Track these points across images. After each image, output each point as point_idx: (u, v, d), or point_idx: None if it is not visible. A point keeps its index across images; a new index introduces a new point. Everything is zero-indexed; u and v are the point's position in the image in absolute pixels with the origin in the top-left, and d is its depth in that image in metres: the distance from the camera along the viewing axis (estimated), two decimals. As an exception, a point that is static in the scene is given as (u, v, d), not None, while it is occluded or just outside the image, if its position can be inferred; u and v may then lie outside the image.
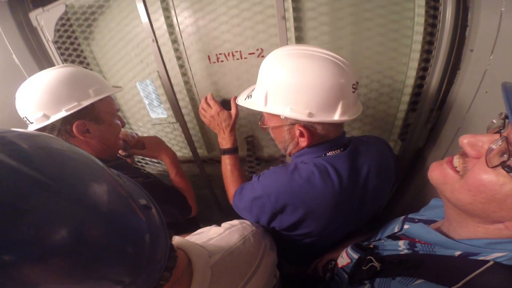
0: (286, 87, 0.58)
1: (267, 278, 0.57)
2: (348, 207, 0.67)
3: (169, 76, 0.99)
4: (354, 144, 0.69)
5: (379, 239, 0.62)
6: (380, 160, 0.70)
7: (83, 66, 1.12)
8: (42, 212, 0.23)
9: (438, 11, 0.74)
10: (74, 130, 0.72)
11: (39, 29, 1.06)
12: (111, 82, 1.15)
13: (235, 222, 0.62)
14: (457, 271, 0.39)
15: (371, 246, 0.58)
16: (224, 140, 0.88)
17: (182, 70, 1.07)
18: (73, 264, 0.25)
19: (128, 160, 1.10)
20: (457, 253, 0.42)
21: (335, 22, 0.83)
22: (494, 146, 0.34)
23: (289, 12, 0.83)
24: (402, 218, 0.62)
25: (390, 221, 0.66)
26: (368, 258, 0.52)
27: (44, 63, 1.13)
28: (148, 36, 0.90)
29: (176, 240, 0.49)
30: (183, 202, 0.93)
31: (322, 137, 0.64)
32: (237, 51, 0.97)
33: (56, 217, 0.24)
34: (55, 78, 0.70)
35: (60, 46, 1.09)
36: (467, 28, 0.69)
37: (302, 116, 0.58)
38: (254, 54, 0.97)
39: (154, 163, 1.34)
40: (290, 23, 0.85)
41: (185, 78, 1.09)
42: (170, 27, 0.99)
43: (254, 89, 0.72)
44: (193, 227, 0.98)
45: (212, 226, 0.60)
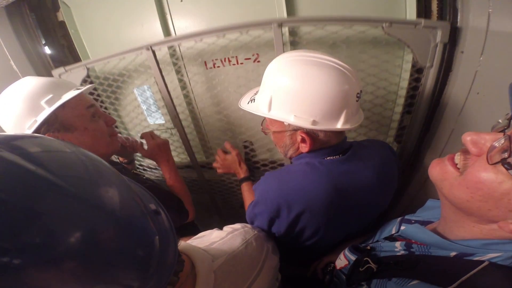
0: (292, 94, 0.57)
1: (270, 282, 0.57)
2: (345, 210, 0.66)
3: (166, 85, 1.00)
4: (354, 149, 0.68)
5: (377, 241, 0.62)
6: (382, 166, 0.69)
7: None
8: (57, 215, 0.23)
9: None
10: None
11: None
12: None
13: (237, 226, 0.62)
14: (452, 271, 0.39)
15: (368, 248, 0.58)
16: (240, 172, 1.02)
17: (179, 76, 1.08)
18: (85, 268, 0.25)
19: (129, 166, 1.10)
20: (452, 253, 0.42)
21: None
22: (496, 144, 0.35)
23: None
24: (399, 219, 0.62)
25: (388, 222, 0.66)
26: (364, 259, 0.52)
27: (41, 69, 1.14)
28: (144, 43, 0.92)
29: (180, 245, 0.49)
30: (180, 206, 0.93)
31: (323, 143, 0.64)
32: (233, 57, 0.99)
33: (71, 220, 0.24)
34: (6, 99, 0.66)
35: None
36: (457, 30, 0.70)
37: (306, 123, 0.58)
38: (250, 59, 0.98)
39: (152, 169, 1.34)
40: (285, 28, 0.87)
41: (182, 84, 1.10)
42: (167, 33, 1.00)
43: (256, 92, 0.72)
44: (193, 231, 0.98)
45: (214, 230, 0.60)
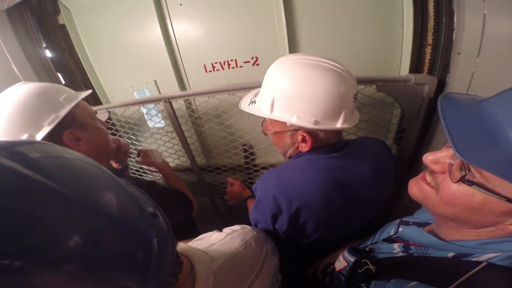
0: (294, 95, 0.59)
1: (270, 283, 0.57)
2: (344, 205, 0.67)
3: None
4: (350, 146, 0.70)
5: (375, 242, 0.62)
6: (377, 161, 0.70)
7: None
8: (55, 219, 0.24)
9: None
10: (66, 142, 0.71)
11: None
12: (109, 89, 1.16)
13: (236, 227, 0.62)
14: (450, 272, 0.39)
15: (367, 249, 0.57)
16: (245, 194, 1.09)
17: (179, 79, 1.09)
18: (83, 270, 0.25)
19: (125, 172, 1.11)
20: (450, 254, 0.42)
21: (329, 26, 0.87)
22: (453, 161, 0.37)
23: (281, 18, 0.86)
24: (398, 221, 0.62)
25: (386, 224, 0.66)
26: (363, 261, 0.52)
27: (42, 72, 1.15)
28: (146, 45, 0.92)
29: (179, 246, 0.49)
30: (185, 199, 0.97)
31: (323, 142, 0.66)
32: (232, 60, 0.99)
33: (69, 224, 0.24)
34: (23, 97, 0.67)
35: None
36: (454, 32, 0.71)
37: (308, 124, 0.59)
38: (249, 62, 0.99)
39: (152, 172, 1.34)
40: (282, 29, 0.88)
41: (182, 87, 1.11)
42: (166, 37, 1.01)
43: (256, 93, 0.73)
44: (193, 234, 0.99)
45: (213, 232, 0.60)
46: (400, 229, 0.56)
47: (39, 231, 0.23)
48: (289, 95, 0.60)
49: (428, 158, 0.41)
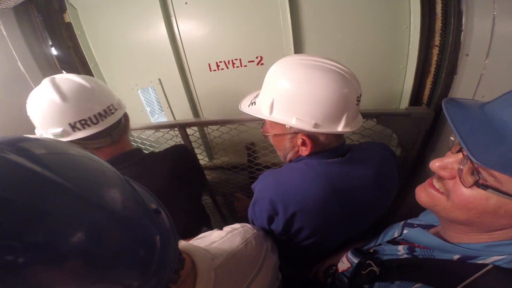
0: (294, 97, 0.58)
1: (270, 281, 0.57)
2: (343, 212, 0.66)
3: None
4: (353, 151, 0.68)
5: (379, 244, 0.61)
6: (380, 167, 0.68)
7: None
8: (61, 214, 0.24)
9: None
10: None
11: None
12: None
13: (236, 225, 0.62)
14: (455, 275, 0.39)
15: (371, 251, 0.57)
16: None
17: (183, 78, 1.09)
18: (86, 266, 0.25)
19: None
20: (455, 257, 0.41)
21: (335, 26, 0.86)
22: (462, 167, 0.36)
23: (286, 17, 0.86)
24: (402, 223, 0.62)
25: (390, 226, 0.66)
26: (367, 262, 0.52)
27: (48, 70, 1.15)
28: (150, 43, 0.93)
29: (180, 244, 0.50)
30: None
31: (324, 146, 0.64)
32: (237, 59, 0.99)
33: (74, 219, 0.25)
34: (100, 87, 0.74)
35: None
36: (462, 33, 0.70)
37: (308, 126, 0.58)
38: (253, 62, 0.99)
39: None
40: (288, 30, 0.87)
41: (186, 86, 1.11)
42: (171, 36, 1.01)
43: (257, 95, 0.72)
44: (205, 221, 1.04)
45: (214, 230, 0.61)
46: (405, 231, 0.56)
47: (44, 226, 0.23)
48: (288, 96, 0.58)
49: (435, 165, 0.40)
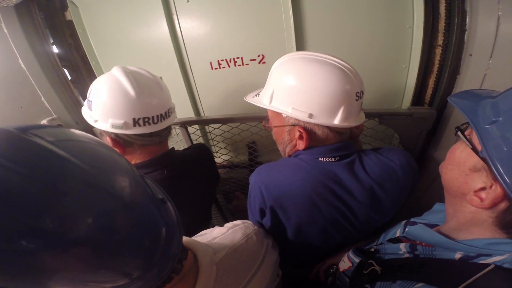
0: (290, 87, 0.60)
1: (270, 276, 0.58)
2: (332, 215, 0.66)
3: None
4: (359, 157, 0.67)
5: (381, 243, 0.62)
6: (385, 182, 0.65)
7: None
8: (78, 197, 0.25)
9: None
10: None
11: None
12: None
13: (237, 222, 0.63)
14: (457, 274, 0.39)
15: (372, 250, 0.57)
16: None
17: (185, 76, 1.09)
18: (94, 251, 0.26)
19: None
20: (457, 256, 0.41)
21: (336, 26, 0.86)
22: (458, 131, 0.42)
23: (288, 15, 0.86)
24: (404, 222, 0.62)
25: (393, 225, 0.66)
26: (369, 262, 0.52)
27: (49, 68, 1.14)
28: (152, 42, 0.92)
29: (182, 239, 0.50)
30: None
31: (320, 141, 0.65)
32: (238, 58, 0.99)
33: (89, 202, 0.25)
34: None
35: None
36: (466, 33, 0.70)
37: (303, 116, 0.60)
38: (255, 60, 0.99)
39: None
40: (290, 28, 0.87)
41: (187, 84, 1.11)
42: (173, 34, 1.01)
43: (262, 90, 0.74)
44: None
45: (215, 227, 0.61)
46: (407, 229, 0.56)
47: (61, 207, 0.23)
48: (286, 87, 0.61)
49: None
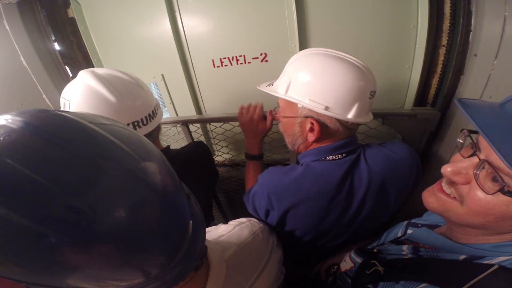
0: (310, 79, 0.61)
1: (276, 274, 0.58)
2: (337, 217, 0.68)
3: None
4: (363, 152, 0.68)
5: (382, 244, 0.62)
6: (389, 174, 0.66)
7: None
8: (119, 178, 0.25)
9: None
10: None
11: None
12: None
13: (243, 219, 0.63)
14: (461, 275, 0.39)
15: (375, 251, 0.57)
16: (253, 146, 0.89)
17: (187, 74, 1.08)
18: (124, 243, 0.25)
19: None
20: (461, 257, 0.41)
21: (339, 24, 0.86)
22: (478, 172, 0.35)
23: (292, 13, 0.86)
24: (405, 223, 0.62)
25: (394, 225, 0.66)
26: (372, 262, 0.52)
27: (51, 65, 1.14)
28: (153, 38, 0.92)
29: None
30: None
31: (330, 135, 0.66)
32: (241, 56, 0.99)
33: (125, 188, 0.25)
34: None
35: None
36: (471, 33, 0.70)
37: (319, 108, 0.61)
38: (258, 58, 0.98)
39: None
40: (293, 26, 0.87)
41: (189, 82, 1.10)
42: (176, 31, 1.00)
43: (275, 81, 0.74)
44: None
45: (219, 225, 0.61)
46: (410, 231, 0.56)
47: (100, 187, 0.24)
48: (305, 78, 0.62)
49: (448, 170, 0.39)
